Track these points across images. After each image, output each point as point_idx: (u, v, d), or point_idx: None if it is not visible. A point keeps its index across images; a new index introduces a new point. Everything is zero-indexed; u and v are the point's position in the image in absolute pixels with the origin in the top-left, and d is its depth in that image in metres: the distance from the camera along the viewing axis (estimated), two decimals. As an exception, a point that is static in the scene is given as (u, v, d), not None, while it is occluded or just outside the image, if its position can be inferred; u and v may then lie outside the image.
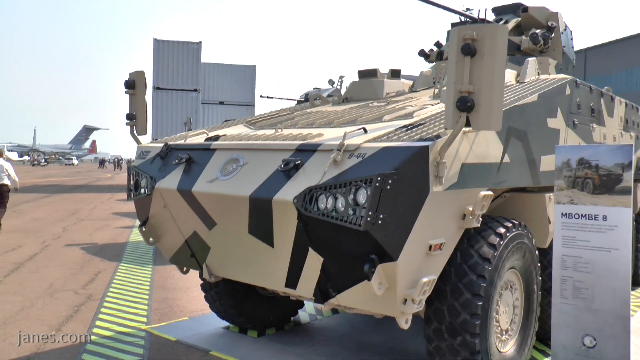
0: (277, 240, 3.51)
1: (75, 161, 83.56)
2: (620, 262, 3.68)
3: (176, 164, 4.13)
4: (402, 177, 2.87)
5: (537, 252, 4.18)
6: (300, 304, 5.48)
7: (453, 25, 6.86)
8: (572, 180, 3.85)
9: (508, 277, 3.89)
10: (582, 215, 3.82)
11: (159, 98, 25.62)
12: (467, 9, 12.74)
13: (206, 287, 5.12)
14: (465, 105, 2.79)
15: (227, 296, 4.97)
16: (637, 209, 7.30)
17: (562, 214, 3.90)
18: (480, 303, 3.40)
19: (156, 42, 25.82)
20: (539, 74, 5.30)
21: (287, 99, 16.82)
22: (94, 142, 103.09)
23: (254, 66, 28.04)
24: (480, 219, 3.47)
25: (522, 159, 3.99)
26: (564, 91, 4.77)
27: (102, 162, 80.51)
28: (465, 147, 3.28)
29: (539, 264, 4.21)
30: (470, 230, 3.58)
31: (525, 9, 6.34)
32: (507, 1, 6.85)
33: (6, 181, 11.05)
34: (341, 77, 5.47)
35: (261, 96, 17.59)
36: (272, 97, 17.01)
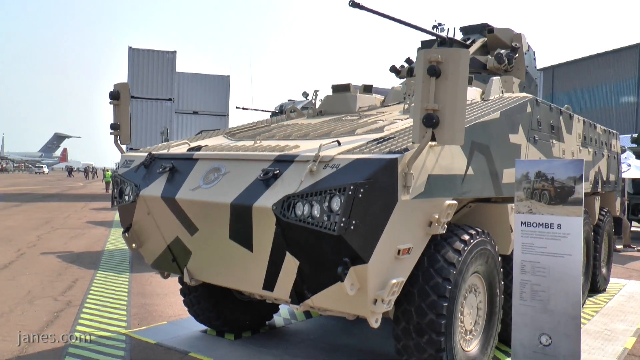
0: (256, 244, 3.75)
1: (45, 169, 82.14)
2: (572, 267, 4.00)
3: (160, 173, 4.34)
4: (372, 187, 3.14)
5: (499, 258, 4.48)
6: (275, 308, 5.70)
7: (423, 42, 7.21)
8: (530, 191, 4.16)
9: (472, 281, 4.18)
10: (539, 223, 4.13)
11: (134, 107, 25.59)
12: (439, 24, 13.19)
13: (185, 291, 5.31)
14: (430, 122, 3.07)
15: (205, 300, 5.17)
16: (596, 219, 7.73)
17: (521, 222, 4.21)
18: (446, 304, 3.67)
19: (131, 50, 25.82)
20: (502, 92, 5.64)
21: (262, 110, 17.02)
22: (65, 150, 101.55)
23: (228, 76, 28.23)
24: (446, 226, 3.76)
25: (485, 172, 4.30)
26: (525, 109, 5.12)
27: (70, 171, 75.71)
28: (431, 159, 3.57)
29: (501, 270, 4.51)
30: (436, 237, 3.86)
31: (491, 29, 6.72)
32: (475, 21, 7.24)
33: None
34: (316, 91, 5.73)
35: (237, 107, 17.68)
36: (247, 109, 17.16)
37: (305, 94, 13.50)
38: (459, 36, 7.30)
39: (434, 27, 11.81)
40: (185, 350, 4.86)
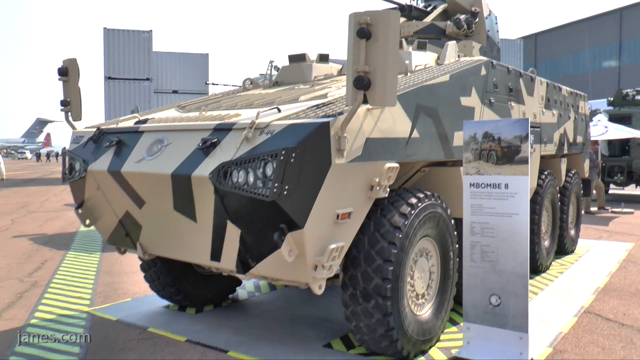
0: (199, 215, 3.73)
1: (29, 155, 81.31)
2: (520, 226, 4.02)
3: (107, 147, 4.29)
4: (305, 151, 3.11)
5: (453, 221, 4.49)
6: (238, 281, 5.71)
7: (384, 10, 7.14)
8: (478, 152, 4.16)
9: (422, 244, 4.19)
10: (487, 184, 4.14)
11: (111, 88, 25.36)
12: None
13: (145, 267, 5.29)
14: (361, 84, 3.04)
15: (165, 275, 5.16)
16: (562, 181, 7.78)
17: (470, 184, 4.21)
18: (391, 268, 3.68)
19: (106, 31, 25.43)
20: (459, 57, 5.60)
21: (233, 85, 16.90)
22: (48, 135, 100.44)
23: (207, 54, 27.88)
24: (388, 189, 3.75)
25: (433, 134, 4.28)
26: (479, 72, 5.09)
27: (38, 156, 70.90)
28: (369, 122, 3.54)
29: (455, 233, 4.52)
30: (384, 201, 3.86)
31: (450, -5, 6.66)
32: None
33: None
34: (271, 62, 5.67)
35: (206, 83, 17.48)
36: (217, 84, 17.00)
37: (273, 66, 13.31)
38: (420, 4, 7.24)
39: None
40: (145, 325, 4.86)
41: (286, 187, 3.09)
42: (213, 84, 16.67)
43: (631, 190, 18.47)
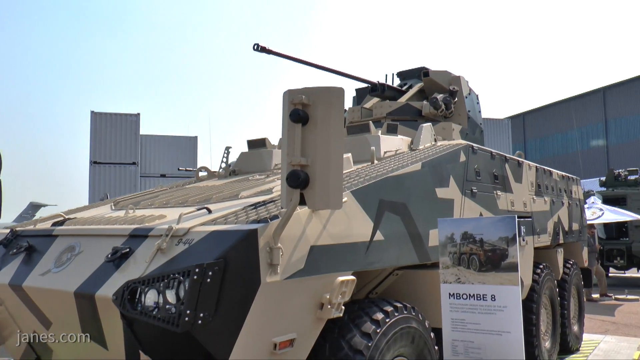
0: (109, 341, 2.98)
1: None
2: (513, 346, 3.28)
3: (15, 254, 3.60)
4: (225, 267, 2.42)
5: (432, 334, 3.73)
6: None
7: (357, 90, 6.66)
8: (457, 256, 3.48)
9: (395, 367, 3.41)
10: (470, 295, 3.43)
11: (96, 173, 24.86)
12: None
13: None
14: (296, 181, 2.39)
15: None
16: (560, 274, 7.07)
17: (449, 294, 3.50)
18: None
19: (93, 114, 25.23)
20: (436, 140, 5.03)
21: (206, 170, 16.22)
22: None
23: (196, 137, 27.64)
24: (342, 307, 3.02)
25: (402, 235, 3.60)
26: (457, 158, 4.49)
27: None
28: (315, 227, 2.86)
29: (436, 348, 3.75)
30: (343, 318, 3.13)
31: (426, 72, 6.20)
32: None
33: None
34: (227, 148, 5.08)
35: (179, 169, 16.91)
36: (190, 170, 16.32)
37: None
38: (396, 82, 6.78)
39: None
40: None
41: (201, 314, 2.37)
42: (187, 169, 16.02)
43: (633, 273, 17.65)
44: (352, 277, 3.03)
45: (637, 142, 34.39)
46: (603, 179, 17.14)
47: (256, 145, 5.15)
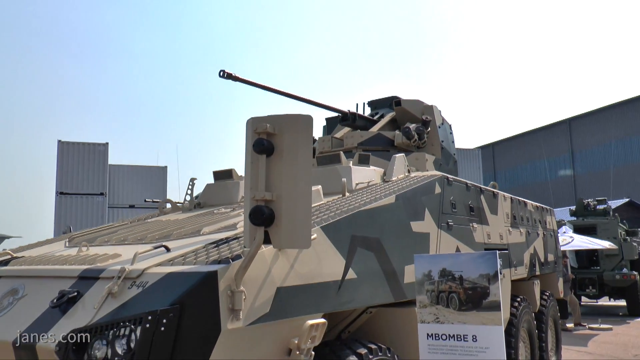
0: (53, 400, 2.65)
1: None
2: (497, 393, 3.05)
3: None
4: (181, 314, 2.15)
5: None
6: None
7: (328, 120, 6.49)
8: (435, 295, 3.26)
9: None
10: (449, 336, 3.20)
11: (62, 203, 24.14)
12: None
13: None
14: (260, 218, 2.15)
15: None
16: (537, 306, 6.91)
17: (427, 334, 3.27)
18: None
19: (60, 144, 24.60)
20: (409, 171, 4.86)
21: (176, 202, 15.73)
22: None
23: (165, 167, 27.12)
24: (312, 353, 2.76)
25: (375, 272, 3.37)
26: (432, 190, 4.31)
27: None
28: (281, 267, 2.61)
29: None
30: (312, 364, 2.86)
31: (398, 101, 6.06)
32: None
33: None
34: (192, 179, 4.82)
35: (145, 200, 16.41)
36: (157, 201, 15.86)
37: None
38: (367, 111, 6.64)
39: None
40: None
41: None
42: (153, 201, 15.55)
43: (604, 301, 17.67)
44: (323, 320, 2.78)
45: (602, 172, 35.06)
46: (573, 208, 17.27)
47: (222, 176, 4.90)
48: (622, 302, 15.53)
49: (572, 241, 13.17)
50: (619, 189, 30.57)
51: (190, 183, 4.84)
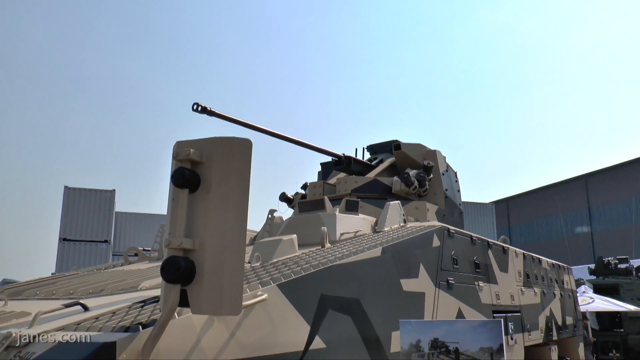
0: None
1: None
2: None
3: None
4: None
5: None
6: None
7: (323, 164, 6.00)
8: (425, 370, 2.65)
9: None
10: None
11: (65, 250, 23.73)
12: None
13: None
14: (174, 273, 1.61)
15: None
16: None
17: (415, 422, 2.64)
18: None
19: (67, 189, 24.41)
20: (405, 221, 4.30)
21: (144, 250, 15.10)
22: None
23: (171, 215, 26.81)
24: None
25: (352, 340, 2.77)
26: (429, 242, 3.75)
27: None
28: (217, 334, 2.03)
29: None
30: None
31: (398, 145, 5.54)
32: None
33: None
34: (162, 226, 4.30)
35: (143, 249, 15.84)
36: (148, 250, 15.39)
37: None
38: (366, 156, 6.14)
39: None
40: None
41: None
42: (145, 249, 15.07)
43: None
44: None
45: (621, 229, 34.03)
46: (592, 266, 16.41)
47: None
48: (648, 368, 14.49)
49: (593, 302, 12.38)
50: (640, 247, 29.51)
51: (160, 230, 4.33)
